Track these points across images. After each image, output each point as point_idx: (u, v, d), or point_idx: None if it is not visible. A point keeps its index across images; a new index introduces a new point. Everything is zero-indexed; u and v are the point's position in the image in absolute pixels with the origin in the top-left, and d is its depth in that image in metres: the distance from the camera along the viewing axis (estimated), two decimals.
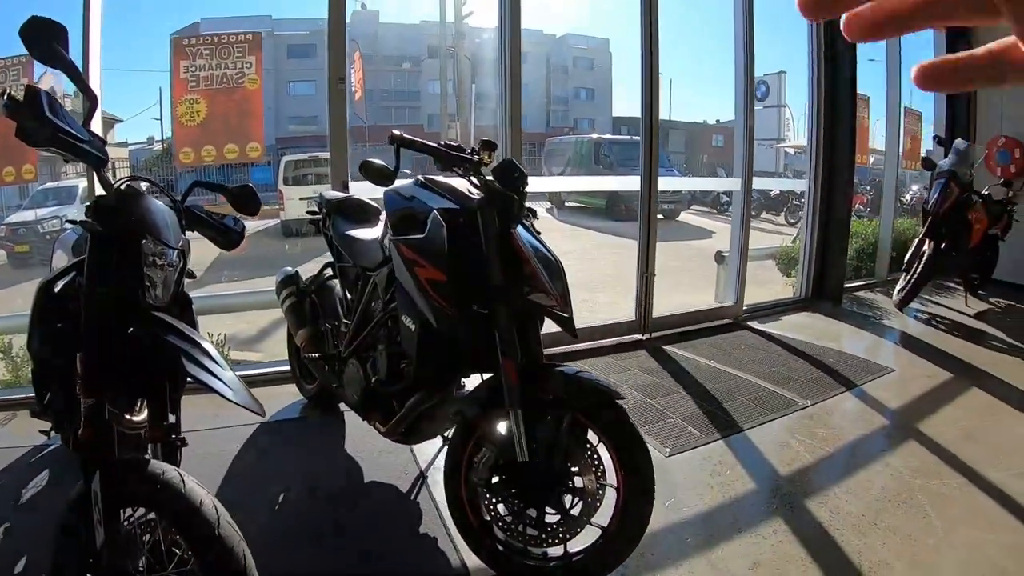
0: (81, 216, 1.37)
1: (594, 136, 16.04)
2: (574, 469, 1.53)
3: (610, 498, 1.53)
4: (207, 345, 1.29)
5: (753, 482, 2.19)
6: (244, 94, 2.80)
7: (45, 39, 1.21)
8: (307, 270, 2.66)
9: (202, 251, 2.03)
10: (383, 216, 2.56)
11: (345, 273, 2.33)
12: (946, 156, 4.49)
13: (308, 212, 2.67)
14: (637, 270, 3.82)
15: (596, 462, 1.53)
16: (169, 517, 1.12)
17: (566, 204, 14.81)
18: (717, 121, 29.45)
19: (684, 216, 13.81)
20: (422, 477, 2.15)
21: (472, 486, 1.61)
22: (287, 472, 2.16)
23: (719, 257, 5.41)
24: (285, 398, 2.78)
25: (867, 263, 5.46)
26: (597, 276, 6.70)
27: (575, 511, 1.52)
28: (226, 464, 2.19)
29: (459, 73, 16.66)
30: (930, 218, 4.29)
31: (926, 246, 4.30)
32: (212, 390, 1.16)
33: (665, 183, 4.04)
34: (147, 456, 1.32)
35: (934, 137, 5.07)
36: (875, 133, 5.40)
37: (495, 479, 1.56)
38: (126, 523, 1.17)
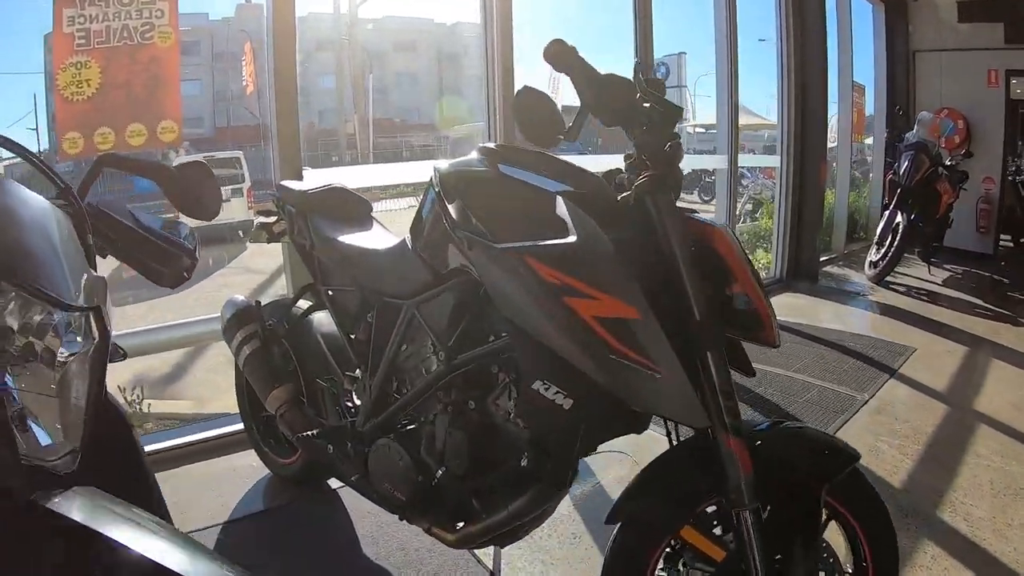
0: None
1: None
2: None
3: None
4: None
5: None
6: (153, 53, 1.91)
7: None
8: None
9: None
10: (376, 214, 1.90)
11: (339, 302, 1.60)
12: (888, 126, 4.54)
13: (259, 213, 1.89)
14: None
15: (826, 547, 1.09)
16: None
17: None
18: None
19: None
20: None
21: None
22: None
23: None
24: (250, 474, 2.02)
25: (823, 236, 5.47)
26: None
27: None
28: None
29: (354, 65, 15.50)
30: (899, 190, 4.30)
31: (899, 218, 4.31)
32: None
33: None
34: None
35: (896, 108, 5.17)
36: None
37: None
38: None
